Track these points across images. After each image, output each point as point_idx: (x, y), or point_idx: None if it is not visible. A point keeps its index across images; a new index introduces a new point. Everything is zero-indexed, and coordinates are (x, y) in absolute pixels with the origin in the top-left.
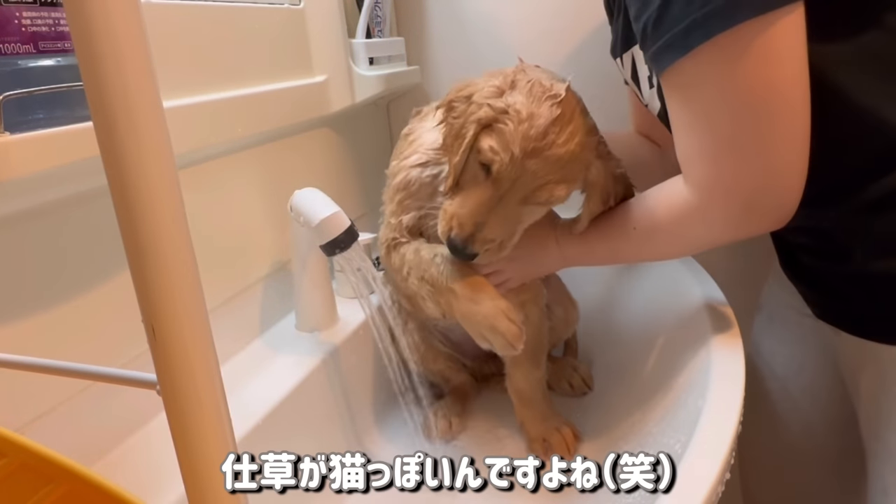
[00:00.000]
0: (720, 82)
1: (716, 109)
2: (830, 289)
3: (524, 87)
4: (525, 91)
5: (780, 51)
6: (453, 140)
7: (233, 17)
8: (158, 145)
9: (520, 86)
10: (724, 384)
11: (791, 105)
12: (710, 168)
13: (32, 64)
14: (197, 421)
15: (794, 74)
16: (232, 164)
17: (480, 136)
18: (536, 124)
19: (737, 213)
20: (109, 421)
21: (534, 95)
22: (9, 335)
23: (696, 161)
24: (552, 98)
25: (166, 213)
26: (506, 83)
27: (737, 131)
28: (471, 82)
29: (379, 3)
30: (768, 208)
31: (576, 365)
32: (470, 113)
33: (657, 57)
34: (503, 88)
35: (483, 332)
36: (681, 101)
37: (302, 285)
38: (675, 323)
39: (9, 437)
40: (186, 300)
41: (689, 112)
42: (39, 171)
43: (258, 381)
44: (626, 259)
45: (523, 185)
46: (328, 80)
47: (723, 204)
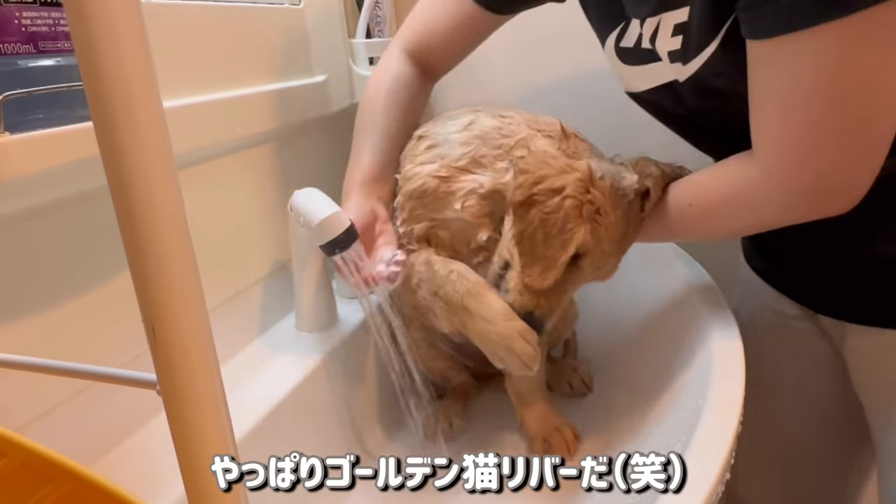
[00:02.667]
0: (837, 63)
1: (820, 90)
2: (836, 281)
3: (601, 185)
4: (603, 188)
5: None
6: (556, 233)
7: (233, 17)
8: (158, 145)
9: (597, 181)
10: (724, 384)
11: (891, 98)
12: (796, 148)
13: (32, 64)
14: (197, 421)
15: None
16: (232, 164)
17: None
18: (617, 224)
19: (807, 198)
20: (109, 421)
21: (610, 195)
22: (9, 335)
23: (779, 138)
24: (623, 198)
25: (166, 213)
26: (585, 176)
27: (841, 115)
28: (544, 173)
29: (379, 3)
30: (839, 197)
31: (576, 366)
32: (571, 209)
33: (786, 14)
34: (586, 182)
35: (499, 352)
36: (780, 73)
37: (302, 285)
38: (674, 323)
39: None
40: (186, 300)
41: (785, 86)
42: (39, 171)
43: (258, 381)
44: (680, 237)
45: (600, 269)
46: (328, 80)
47: (797, 187)
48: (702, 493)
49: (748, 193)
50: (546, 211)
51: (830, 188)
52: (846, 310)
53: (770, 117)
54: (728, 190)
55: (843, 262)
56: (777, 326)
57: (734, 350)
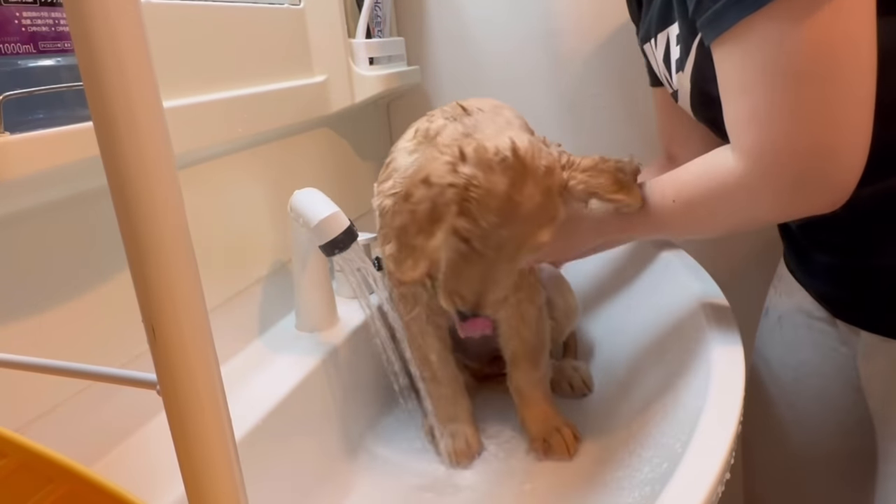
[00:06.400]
0: (787, 38)
1: (779, 68)
2: (852, 287)
3: (473, 157)
4: (475, 162)
5: (850, 3)
6: (427, 225)
7: (233, 17)
8: (158, 145)
9: (469, 155)
10: (724, 384)
11: (859, 63)
12: (764, 133)
13: (32, 64)
14: (197, 421)
15: (866, 30)
16: (232, 164)
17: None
18: (498, 194)
19: (787, 186)
20: (109, 421)
21: (485, 164)
22: (9, 335)
23: (747, 126)
24: (502, 163)
25: (166, 213)
26: (455, 155)
27: (799, 91)
28: (420, 165)
29: (379, 3)
30: (822, 185)
31: (576, 366)
32: (435, 196)
33: (720, 15)
34: (454, 162)
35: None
36: (738, 63)
37: (302, 285)
38: (674, 323)
39: (9, 437)
40: (186, 300)
41: (746, 74)
42: (39, 171)
43: (258, 381)
44: (667, 233)
45: (506, 247)
46: (328, 80)
47: (773, 174)
48: (701, 494)
49: (732, 186)
50: (414, 201)
51: (818, 169)
52: (861, 317)
53: (740, 105)
54: (710, 183)
55: (863, 270)
56: (805, 328)
57: (734, 350)
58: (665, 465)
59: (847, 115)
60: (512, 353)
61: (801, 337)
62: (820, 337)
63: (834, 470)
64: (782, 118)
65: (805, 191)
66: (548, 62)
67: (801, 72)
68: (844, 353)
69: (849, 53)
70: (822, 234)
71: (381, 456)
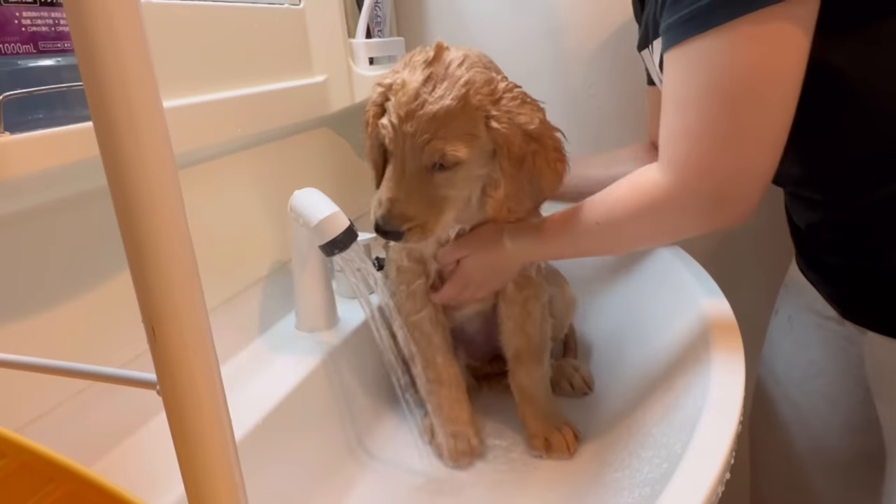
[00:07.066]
0: (729, 64)
1: (715, 90)
2: (858, 287)
3: (407, 60)
4: (406, 63)
5: (792, 40)
6: (365, 126)
7: (233, 17)
8: (158, 145)
9: (406, 60)
10: (724, 384)
11: (785, 98)
12: (692, 148)
13: (32, 64)
14: (197, 421)
15: (796, 67)
16: (232, 164)
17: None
18: (408, 89)
19: (707, 201)
20: (109, 421)
21: (411, 65)
22: (9, 335)
23: (678, 139)
24: (423, 63)
25: (166, 213)
26: (401, 64)
27: (730, 114)
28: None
29: (379, 3)
30: (736, 199)
31: (576, 365)
32: (369, 99)
33: (674, 27)
34: (398, 69)
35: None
36: (681, 78)
37: (302, 285)
38: (675, 323)
39: (9, 437)
40: (186, 300)
41: (686, 89)
42: (39, 171)
43: (258, 381)
44: (590, 254)
45: (413, 149)
46: (328, 80)
47: (695, 187)
48: (701, 493)
49: (658, 199)
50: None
51: (734, 184)
52: (868, 317)
53: (675, 118)
54: (638, 198)
55: (870, 271)
56: (815, 327)
57: (734, 350)
58: (665, 465)
59: (768, 143)
60: (515, 350)
61: (810, 336)
62: (829, 336)
63: (841, 469)
64: (713, 138)
65: (722, 206)
66: (548, 61)
67: (736, 97)
68: (852, 352)
69: (780, 87)
70: (830, 235)
71: (381, 456)
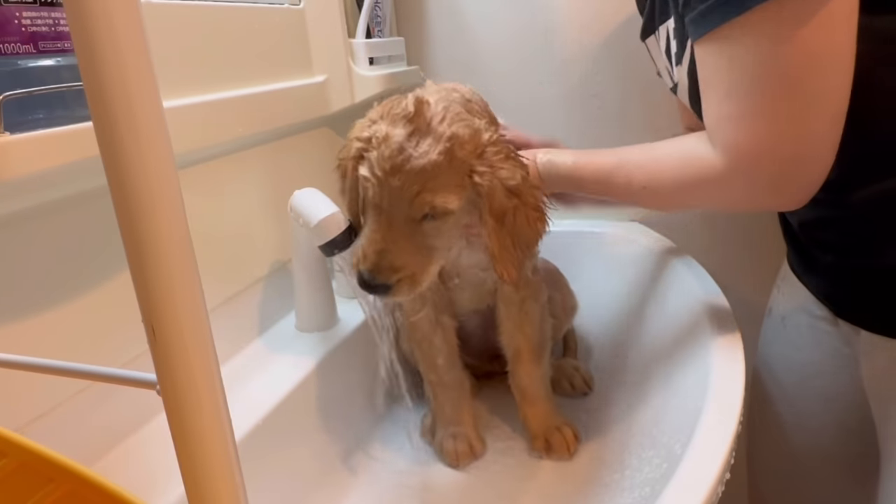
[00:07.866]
0: (773, 44)
1: (763, 72)
2: (852, 286)
3: (386, 113)
4: (384, 115)
5: (839, 15)
6: (342, 178)
7: (233, 17)
8: (158, 145)
9: (384, 113)
10: (724, 384)
11: (839, 73)
12: (747, 133)
13: (32, 64)
14: (197, 421)
15: (848, 42)
16: (232, 164)
17: (359, 169)
18: (391, 143)
19: (762, 185)
20: (109, 421)
21: (391, 118)
22: (9, 335)
23: (730, 125)
24: (404, 118)
25: (166, 213)
26: (377, 115)
27: (781, 95)
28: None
29: (379, 3)
30: (796, 182)
31: (577, 365)
32: (347, 151)
33: (707, 13)
34: (375, 119)
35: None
36: (724, 63)
37: (302, 285)
38: (675, 323)
39: (9, 437)
40: (186, 300)
41: (730, 75)
42: (39, 171)
43: (258, 381)
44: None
45: (399, 202)
46: (328, 80)
47: (752, 173)
48: (701, 494)
49: (709, 179)
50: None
51: (794, 167)
52: (862, 317)
53: (723, 105)
54: (688, 173)
55: (862, 270)
56: (808, 328)
57: (734, 350)
58: (665, 465)
59: (827, 124)
60: (515, 349)
61: (804, 337)
62: (823, 337)
63: (837, 470)
64: (765, 119)
65: (777, 191)
66: (549, 61)
67: (792, 78)
68: (846, 353)
69: (835, 64)
70: (823, 233)
71: (381, 456)
